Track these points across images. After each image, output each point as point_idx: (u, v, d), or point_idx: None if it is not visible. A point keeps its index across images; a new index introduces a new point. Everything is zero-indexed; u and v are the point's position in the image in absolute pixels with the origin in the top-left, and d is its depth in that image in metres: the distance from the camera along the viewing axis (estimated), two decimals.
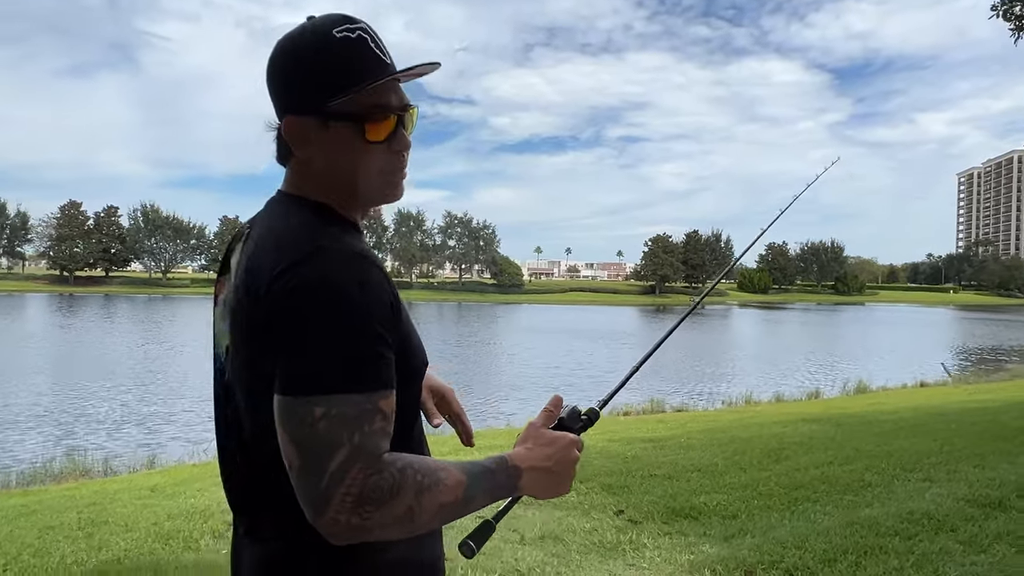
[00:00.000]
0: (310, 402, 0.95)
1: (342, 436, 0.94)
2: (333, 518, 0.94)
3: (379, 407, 0.98)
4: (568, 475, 1.14)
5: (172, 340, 32.43)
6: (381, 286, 1.02)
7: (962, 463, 6.12)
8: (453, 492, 1.01)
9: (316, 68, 1.08)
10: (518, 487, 1.10)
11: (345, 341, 0.97)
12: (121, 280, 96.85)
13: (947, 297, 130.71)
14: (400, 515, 0.96)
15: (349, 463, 0.94)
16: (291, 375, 0.97)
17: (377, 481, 0.95)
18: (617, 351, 31.14)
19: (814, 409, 12.30)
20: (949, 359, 27.90)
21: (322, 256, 1.00)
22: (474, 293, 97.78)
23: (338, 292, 0.97)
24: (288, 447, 0.96)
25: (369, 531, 0.96)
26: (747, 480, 5.79)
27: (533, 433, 1.16)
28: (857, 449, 6.93)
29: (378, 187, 1.14)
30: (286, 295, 0.98)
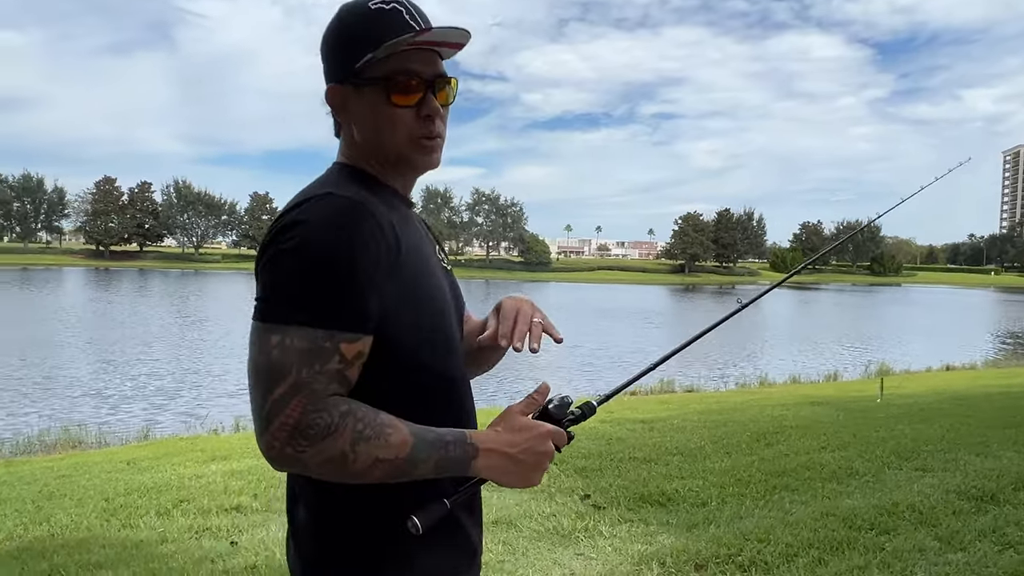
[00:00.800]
0: (270, 329, 0.99)
1: (291, 367, 0.97)
2: (269, 442, 0.97)
3: (339, 348, 0.99)
4: (537, 467, 1.10)
5: (195, 314, 32.79)
6: (371, 233, 1.03)
7: (963, 451, 5.75)
8: (395, 450, 1.00)
9: (348, 36, 1.15)
10: (472, 467, 1.07)
11: (314, 277, 0.99)
12: (155, 255, 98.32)
13: (987, 279, 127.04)
14: (333, 456, 0.97)
15: (291, 394, 0.96)
16: (260, 302, 1.01)
17: (314, 418, 0.96)
18: (640, 331, 30.73)
19: (826, 392, 11.89)
20: (984, 342, 26.99)
21: (318, 201, 1.04)
22: (501, 271, 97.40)
23: (317, 231, 1.00)
24: (248, 369, 1.00)
25: (304, 464, 0.98)
26: (729, 465, 5.49)
27: (507, 417, 1.12)
28: (855, 434, 6.58)
29: (408, 150, 1.16)
30: (276, 232, 1.03)
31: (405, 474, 1.03)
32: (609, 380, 16.52)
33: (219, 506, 4.68)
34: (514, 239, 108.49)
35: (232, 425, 10.30)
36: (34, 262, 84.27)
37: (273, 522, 4.31)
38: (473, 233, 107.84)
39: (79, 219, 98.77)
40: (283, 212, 1.07)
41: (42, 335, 22.40)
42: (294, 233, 1.01)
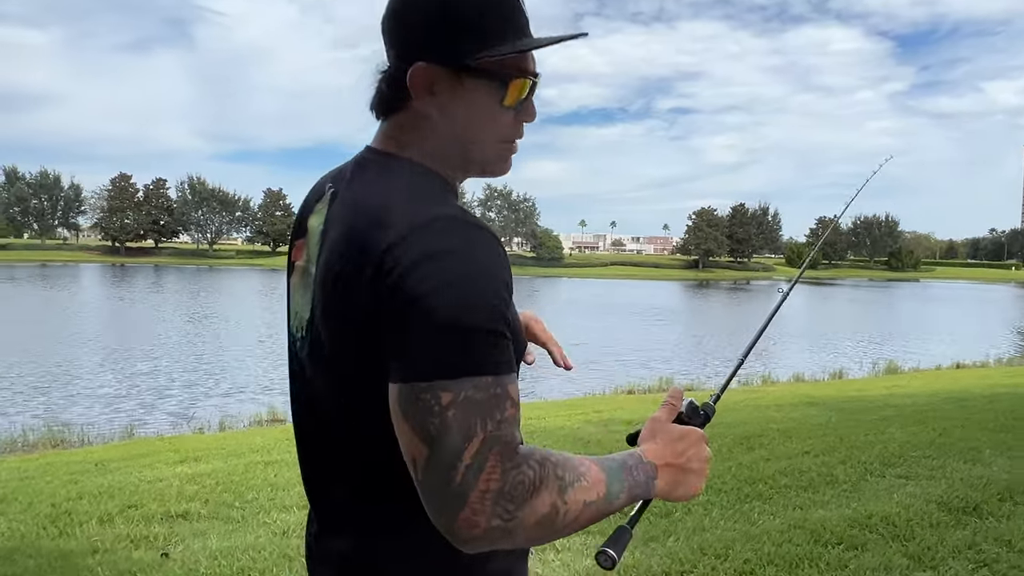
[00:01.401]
0: (435, 387, 0.83)
1: (475, 424, 0.83)
2: (469, 518, 0.82)
3: (508, 392, 0.86)
4: (702, 472, 1.03)
5: (203, 311, 32.87)
6: (503, 261, 0.90)
7: (952, 458, 5.48)
8: (596, 489, 0.90)
9: (464, 14, 0.95)
10: (655, 487, 0.98)
11: (471, 320, 0.85)
12: (170, 251, 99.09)
13: (1008, 274, 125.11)
14: (544, 514, 0.85)
15: (485, 453, 0.83)
16: (413, 358, 0.85)
17: (517, 475, 0.83)
18: (648, 328, 30.35)
19: (826, 391, 11.59)
20: (1000, 339, 26.42)
21: (446, 226, 0.88)
22: (514, 266, 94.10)
23: (465, 266, 0.86)
24: (411, 440, 0.85)
25: (511, 534, 0.84)
26: None
27: (659, 428, 1.04)
28: (842, 438, 6.32)
29: (494, 156, 1.04)
30: (407, 268, 0.85)
31: (603, 515, 0.92)
32: (612, 377, 16.31)
33: (165, 512, 4.52)
34: (527, 235, 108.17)
35: (218, 424, 10.20)
36: (52, 258, 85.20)
37: (214, 531, 4.15)
38: None
39: (95, 216, 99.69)
40: (401, 237, 0.86)
41: (48, 331, 22.50)
42: (443, 266, 0.84)
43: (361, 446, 0.95)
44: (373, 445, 0.93)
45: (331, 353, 0.95)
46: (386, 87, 1.00)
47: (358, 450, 0.96)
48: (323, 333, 0.95)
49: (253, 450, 7.08)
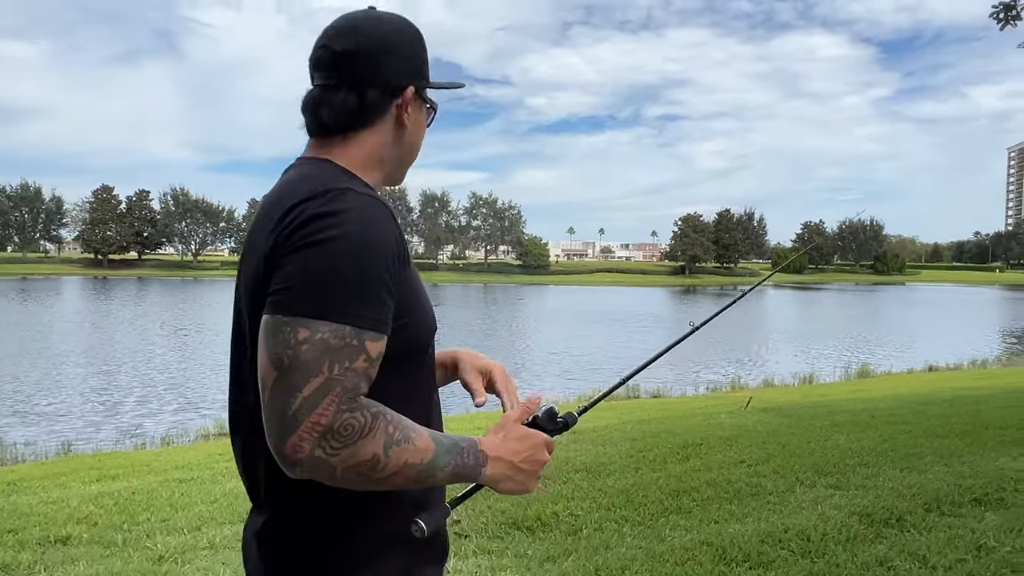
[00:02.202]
0: (297, 323, 0.93)
1: (323, 363, 0.92)
2: (296, 443, 0.91)
3: (365, 347, 0.95)
4: (534, 475, 1.12)
5: (176, 324, 32.43)
6: (392, 233, 1.01)
7: (890, 465, 5.27)
8: (421, 454, 0.98)
9: (422, 50, 1.19)
10: (482, 474, 1.07)
11: (346, 273, 0.95)
12: (153, 263, 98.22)
13: (992, 276, 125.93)
14: (364, 460, 0.93)
15: (324, 391, 0.91)
16: (283, 294, 0.95)
17: (349, 418, 0.92)
18: (629, 336, 30.16)
19: (790, 396, 11.40)
20: (979, 342, 26.32)
21: (344, 194, 1.00)
22: (500, 274, 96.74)
23: (351, 227, 0.96)
24: (266, 365, 0.94)
25: (331, 468, 0.92)
26: (630, 483, 5.02)
27: (507, 425, 1.13)
28: (784, 446, 6.09)
29: (407, 167, 1.23)
30: (302, 223, 0.97)
31: (424, 481, 1.00)
32: (586, 385, 16.10)
33: (44, 537, 4.23)
34: (513, 242, 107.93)
35: (160, 440, 9.89)
36: (33, 271, 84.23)
37: (87, 557, 3.87)
38: (471, 237, 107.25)
39: (77, 228, 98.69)
40: (301, 201, 0.99)
41: (12, 347, 22.05)
42: (325, 224, 0.96)
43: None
44: None
45: (249, 317, 1.02)
46: (349, 108, 1.12)
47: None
48: (242, 303, 1.05)
49: (178, 467, 6.80)
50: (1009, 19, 5.79)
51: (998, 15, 5.85)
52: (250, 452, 1.08)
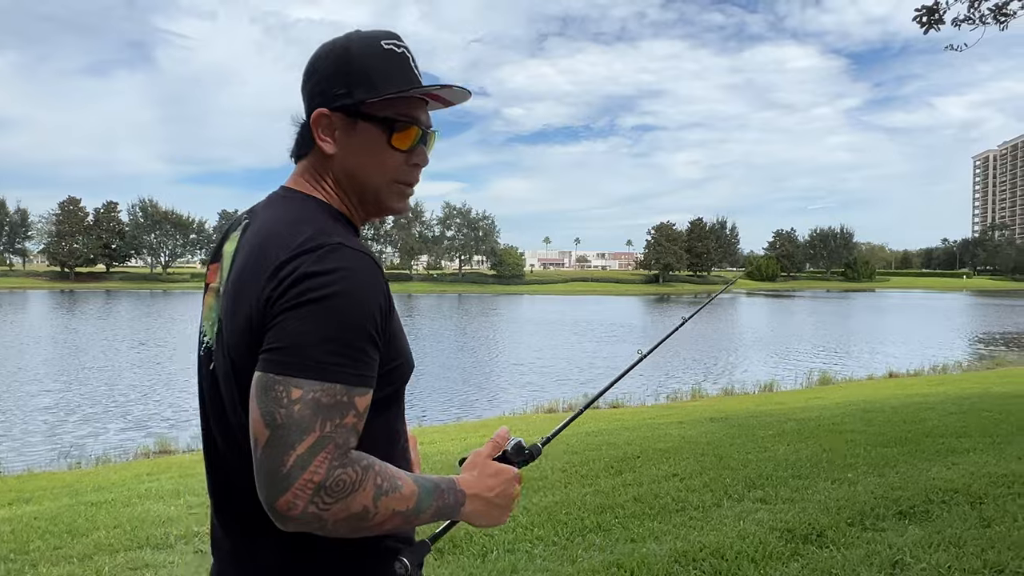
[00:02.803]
0: (289, 382, 0.96)
1: (314, 423, 0.95)
2: (291, 500, 0.93)
3: (355, 403, 0.99)
4: (507, 507, 1.17)
5: (140, 338, 31.78)
6: (381, 289, 1.03)
7: (821, 477, 5.15)
8: (406, 501, 1.01)
9: (358, 68, 1.13)
10: (461, 511, 1.11)
11: (337, 333, 0.98)
12: (122, 276, 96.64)
13: (959, 283, 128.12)
14: (356, 512, 0.97)
15: (317, 449, 0.94)
16: (275, 354, 0.97)
17: (341, 475, 0.95)
18: (597, 346, 30.10)
19: (744, 405, 11.32)
20: (943, 347, 26.59)
21: (334, 250, 1.01)
22: (474, 284, 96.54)
23: (343, 286, 0.99)
24: (258, 422, 0.96)
25: (322, 522, 0.96)
26: (555, 500, 4.85)
27: (480, 462, 1.18)
28: (721, 458, 5.97)
29: (389, 194, 1.18)
30: (294, 280, 0.99)
31: (411, 523, 1.04)
32: (549, 396, 15.95)
33: None
34: (487, 252, 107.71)
35: (95, 459, 9.54)
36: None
37: None
38: (445, 247, 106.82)
39: (43, 241, 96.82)
40: (294, 256, 1.01)
41: None
42: (317, 283, 0.98)
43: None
44: None
45: (237, 361, 1.05)
46: (299, 134, 1.17)
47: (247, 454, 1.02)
48: (229, 344, 1.06)
49: (98, 488, 6.51)
50: (932, 23, 5.74)
51: (921, 18, 5.80)
52: (232, 486, 1.11)
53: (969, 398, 9.75)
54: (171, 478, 7.05)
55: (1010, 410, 8.03)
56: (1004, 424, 7.04)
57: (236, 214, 1.26)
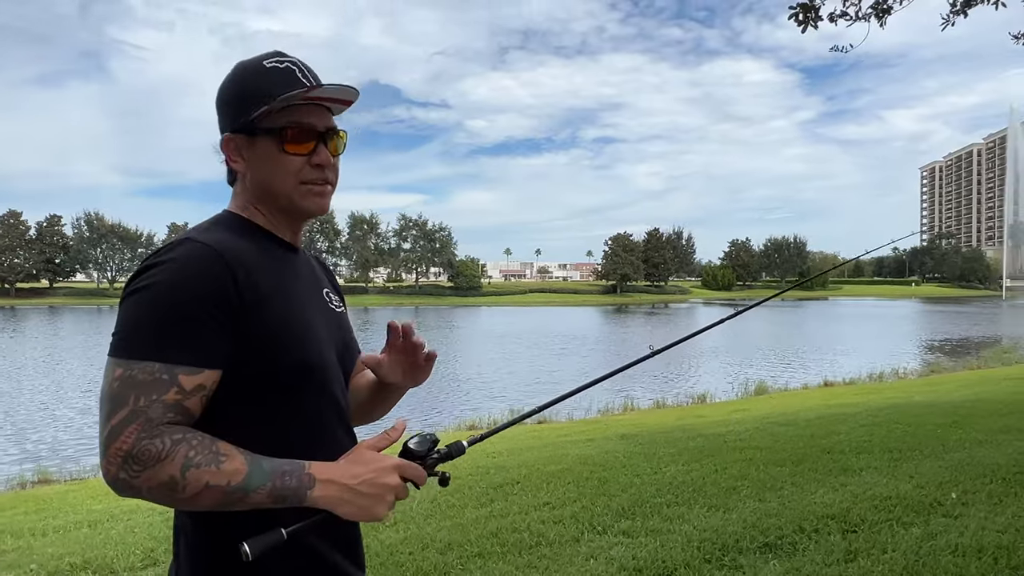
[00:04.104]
0: (115, 363, 1.07)
1: (128, 397, 1.04)
2: (106, 467, 1.03)
3: (178, 380, 1.06)
4: (379, 500, 1.13)
5: (59, 358, 30.49)
6: (216, 276, 1.11)
7: (700, 503, 4.77)
8: (227, 476, 1.05)
9: (246, 89, 1.25)
10: (308, 497, 1.10)
11: (157, 316, 1.07)
12: (66, 291, 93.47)
13: (908, 290, 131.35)
14: (163, 482, 1.02)
15: (127, 422, 1.03)
16: (112, 338, 1.10)
17: (146, 445, 1.02)
18: (545, 360, 29.73)
19: (665, 419, 11.01)
20: (886, 354, 26.76)
21: (176, 244, 1.13)
22: (431, 296, 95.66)
23: (166, 274, 1.08)
24: (99, 399, 1.08)
25: (136, 489, 1.04)
26: (404, 536, 4.38)
27: (354, 450, 1.18)
28: (605, 482, 5.56)
29: (299, 195, 1.26)
30: (134, 274, 1.13)
31: (238, 502, 1.07)
32: (481, 413, 15.49)
33: None
34: (443, 264, 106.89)
35: None
36: None
37: None
38: (401, 259, 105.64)
39: None
40: (151, 253, 1.15)
41: None
42: (145, 276, 1.10)
43: None
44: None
45: None
46: (226, 163, 1.30)
47: None
48: None
49: None
50: (809, 20, 5.48)
51: (797, 16, 5.53)
52: None
53: (889, 408, 9.54)
54: (21, 513, 6.42)
55: (921, 422, 7.80)
56: (909, 438, 6.79)
57: (185, 227, 1.26)
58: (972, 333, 41.39)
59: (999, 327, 48.17)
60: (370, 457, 1.14)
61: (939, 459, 5.83)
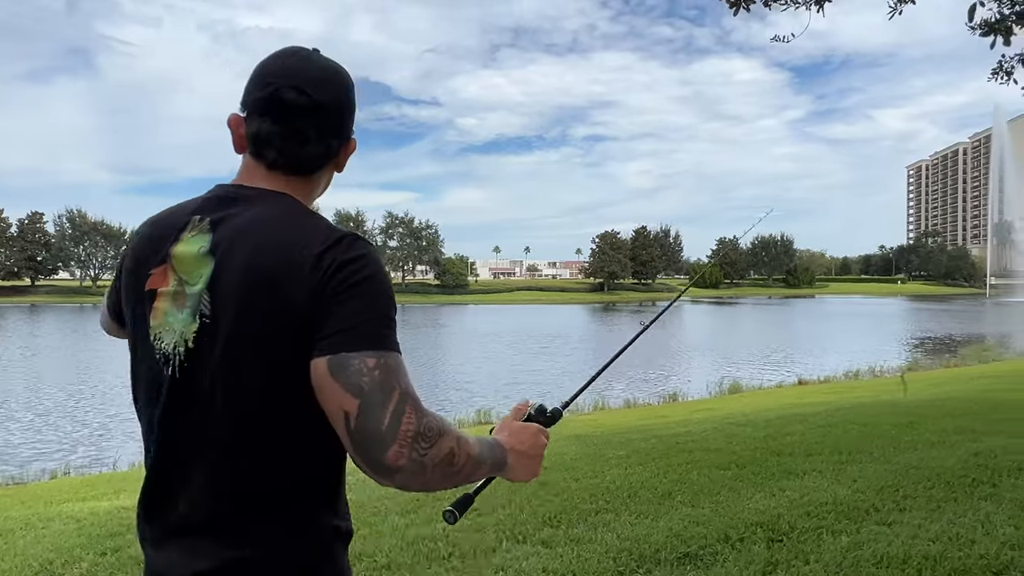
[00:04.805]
0: (363, 355, 1.06)
1: (395, 382, 1.06)
2: (397, 452, 1.03)
3: (404, 365, 1.11)
4: (539, 457, 1.30)
5: (26, 359, 30.08)
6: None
7: (629, 511, 4.58)
8: (475, 447, 1.14)
9: (354, 101, 1.32)
10: (507, 464, 1.23)
11: (382, 308, 1.11)
12: (48, 289, 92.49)
13: (894, 288, 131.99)
14: (445, 455, 1.07)
15: (403, 403, 1.05)
16: (341, 335, 1.06)
17: (428, 421, 1.06)
18: (528, 360, 29.57)
19: (626, 419, 10.84)
20: (864, 352, 26.74)
21: (356, 240, 1.15)
22: (417, 295, 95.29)
23: (374, 268, 1.12)
24: (344, 397, 1.05)
25: (423, 468, 1.05)
26: None
27: (507, 425, 1.32)
28: (544, 484, 5.36)
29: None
30: (336, 268, 1.09)
31: (478, 472, 1.15)
32: (458, 410, 15.30)
33: None
34: (430, 262, 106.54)
35: None
36: None
37: None
38: (387, 257, 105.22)
39: None
40: (328, 248, 1.11)
41: None
42: (359, 268, 1.11)
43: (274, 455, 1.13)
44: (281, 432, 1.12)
45: (255, 345, 1.10)
46: (320, 153, 1.26)
47: (272, 461, 1.13)
48: (237, 330, 1.10)
49: None
50: (741, 4, 5.30)
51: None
52: (216, 483, 1.15)
53: (851, 408, 9.41)
54: None
55: (878, 423, 7.65)
56: (862, 439, 6.63)
57: (166, 223, 1.24)
58: (954, 331, 41.55)
59: (981, 325, 48.45)
60: (523, 426, 1.30)
61: (887, 462, 5.67)
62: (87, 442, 13.35)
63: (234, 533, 1.13)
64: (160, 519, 1.17)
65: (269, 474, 1.12)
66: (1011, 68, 6.26)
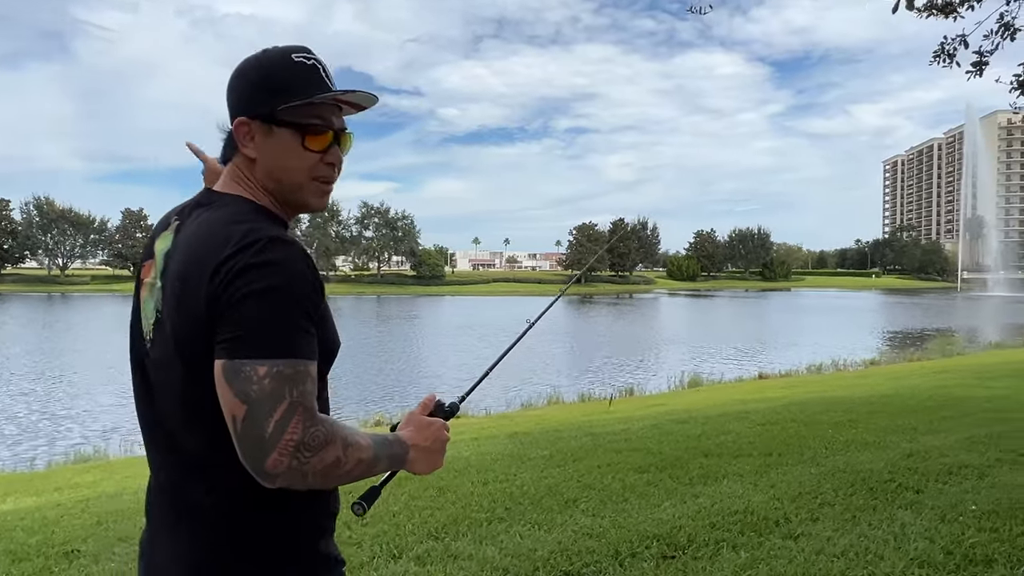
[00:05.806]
0: (255, 363, 1.08)
1: (285, 391, 1.08)
2: (276, 459, 1.06)
3: (309, 371, 1.12)
4: (441, 451, 1.33)
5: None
6: (314, 273, 1.17)
7: (524, 521, 4.24)
8: (366, 451, 1.16)
9: (271, 79, 1.26)
10: (407, 459, 1.27)
11: (287, 315, 1.11)
12: (14, 278, 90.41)
13: (869, 281, 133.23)
14: (329, 463, 1.10)
15: (290, 413, 1.07)
16: (236, 341, 1.09)
17: (314, 431, 1.08)
18: (498, 352, 29.14)
19: (570, 415, 10.51)
20: (832, 347, 26.67)
21: (270, 242, 1.13)
22: (393, 285, 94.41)
23: (281, 275, 1.11)
24: (233, 402, 1.07)
25: (304, 475, 1.08)
26: None
27: (413, 420, 1.35)
28: (443, 491, 4.98)
29: (309, 191, 1.30)
30: (237, 273, 1.10)
31: (371, 472, 1.18)
32: (414, 397, 14.93)
33: None
34: (406, 252, 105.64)
35: None
36: None
37: None
38: (362, 248, 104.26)
39: None
40: (236, 251, 1.12)
41: None
42: (261, 274, 1.10)
43: (204, 418, 1.14)
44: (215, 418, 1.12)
45: (177, 344, 1.16)
46: (225, 140, 1.31)
47: (199, 424, 1.16)
48: (176, 336, 1.16)
49: None
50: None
51: None
52: (175, 469, 1.22)
53: (797, 404, 9.14)
54: None
55: (818, 420, 7.38)
56: (798, 439, 6.34)
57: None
58: (925, 324, 41.82)
59: (950, 319, 48.82)
60: (427, 420, 1.33)
61: (815, 464, 5.37)
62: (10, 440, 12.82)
63: (183, 523, 1.21)
64: (148, 497, 1.30)
65: (206, 472, 1.18)
66: (953, 50, 5.95)
